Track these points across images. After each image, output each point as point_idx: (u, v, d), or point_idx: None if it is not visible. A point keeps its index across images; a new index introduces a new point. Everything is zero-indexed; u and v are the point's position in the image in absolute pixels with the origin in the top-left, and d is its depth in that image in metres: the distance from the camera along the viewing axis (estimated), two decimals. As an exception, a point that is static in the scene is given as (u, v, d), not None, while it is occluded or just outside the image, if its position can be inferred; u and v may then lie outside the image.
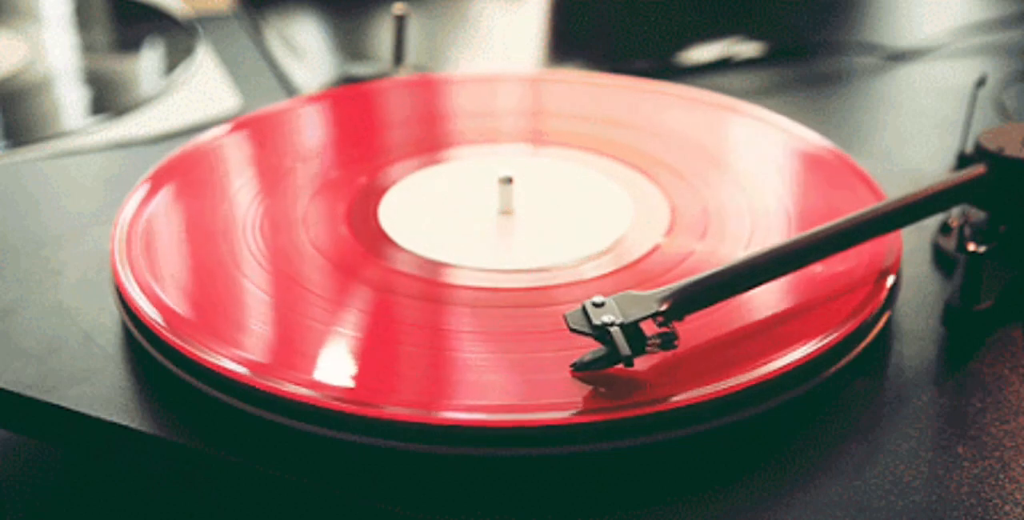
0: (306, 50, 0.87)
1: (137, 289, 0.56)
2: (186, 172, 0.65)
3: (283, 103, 0.72)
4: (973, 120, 0.65)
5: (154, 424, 0.52)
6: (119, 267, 0.57)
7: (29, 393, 0.53)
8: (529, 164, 0.66)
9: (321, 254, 0.59)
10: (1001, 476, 0.50)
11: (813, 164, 0.66)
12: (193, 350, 0.52)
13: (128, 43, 0.88)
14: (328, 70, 0.84)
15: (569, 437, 0.49)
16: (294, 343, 0.54)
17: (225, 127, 0.69)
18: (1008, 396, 0.54)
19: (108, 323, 0.57)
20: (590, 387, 0.50)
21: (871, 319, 0.55)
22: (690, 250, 0.59)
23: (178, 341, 0.53)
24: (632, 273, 0.58)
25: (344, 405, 0.49)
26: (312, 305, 0.55)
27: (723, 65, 0.87)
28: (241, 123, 0.69)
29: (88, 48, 0.87)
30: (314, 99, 0.73)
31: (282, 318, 0.55)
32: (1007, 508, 0.49)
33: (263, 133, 0.69)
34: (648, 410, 0.49)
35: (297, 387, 0.50)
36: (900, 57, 0.88)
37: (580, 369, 0.51)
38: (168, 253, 0.59)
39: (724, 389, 0.50)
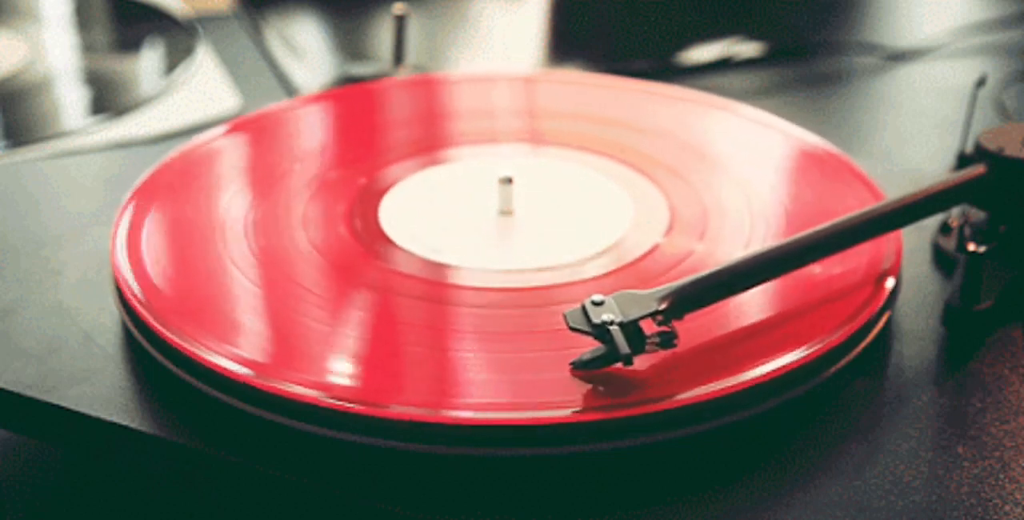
0: (306, 50, 0.87)
1: (137, 289, 0.56)
2: (186, 172, 0.65)
3: (283, 103, 0.72)
4: (973, 120, 0.65)
5: (154, 424, 0.52)
6: (119, 267, 0.57)
7: (29, 393, 0.53)
8: (529, 164, 0.66)
9: (321, 255, 0.59)
10: (1001, 476, 0.50)
11: (812, 164, 0.66)
12: (193, 350, 0.52)
13: (128, 43, 0.88)
14: (328, 70, 0.84)
15: (569, 437, 0.49)
16: (294, 343, 0.54)
17: (225, 127, 0.69)
18: (1008, 396, 0.54)
19: (108, 323, 0.57)
20: (590, 386, 0.50)
21: (871, 319, 0.55)
22: (689, 250, 0.59)
23: (178, 341, 0.53)
24: (632, 273, 0.58)
25: (344, 405, 0.49)
26: (312, 305, 0.55)
27: (723, 65, 0.87)
28: (241, 123, 0.69)
29: (88, 48, 0.87)
30: (314, 99, 0.73)
31: (282, 318, 0.55)
32: (1007, 508, 0.49)
33: (263, 133, 0.69)
34: (648, 410, 0.49)
35: (298, 387, 0.50)
36: (900, 57, 0.88)
37: (579, 368, 0.51)
38: (168, 253, 0.59)
39: (724, 389, 0.50)
